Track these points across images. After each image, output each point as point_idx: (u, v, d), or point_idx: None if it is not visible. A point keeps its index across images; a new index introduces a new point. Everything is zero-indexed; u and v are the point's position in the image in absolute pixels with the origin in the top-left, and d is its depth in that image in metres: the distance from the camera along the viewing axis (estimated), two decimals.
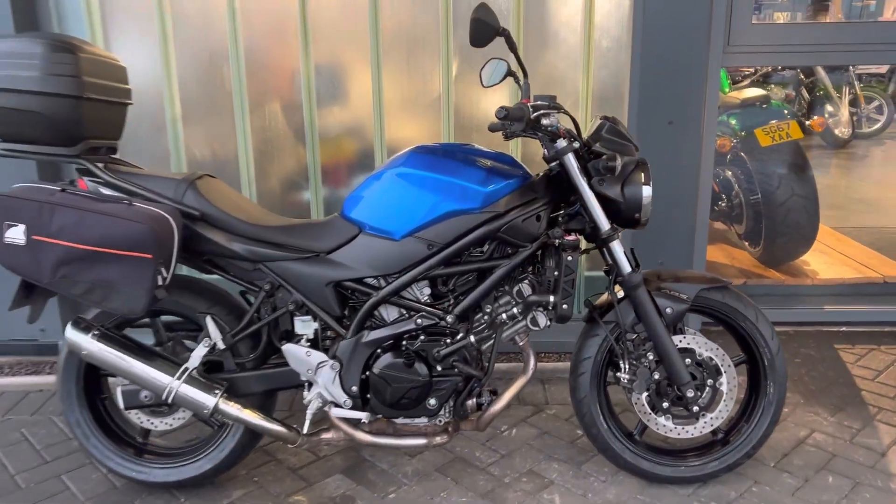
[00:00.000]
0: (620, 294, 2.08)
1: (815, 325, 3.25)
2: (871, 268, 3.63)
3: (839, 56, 2.89)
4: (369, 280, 2.04)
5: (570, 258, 1.98)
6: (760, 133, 3.41)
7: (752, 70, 4.94)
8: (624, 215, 2.00)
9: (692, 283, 2.08)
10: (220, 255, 2.04)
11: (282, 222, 2.09)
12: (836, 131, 7.69)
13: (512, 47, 1.98)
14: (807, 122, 4.00)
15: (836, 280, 3.50)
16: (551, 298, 2.01)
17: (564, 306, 2.00)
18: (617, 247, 2.02)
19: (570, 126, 2.06)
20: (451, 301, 2.06)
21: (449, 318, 2.01)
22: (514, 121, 1.87)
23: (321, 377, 2.05)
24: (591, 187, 1.98)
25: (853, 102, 8.32)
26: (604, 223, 1.99)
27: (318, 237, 2.05)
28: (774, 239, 3.61)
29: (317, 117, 3.11)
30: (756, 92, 3.89)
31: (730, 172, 3.80)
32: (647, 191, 1.98)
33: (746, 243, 3.87)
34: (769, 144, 3.42)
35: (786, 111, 3.69)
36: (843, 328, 3.23)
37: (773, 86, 6.23)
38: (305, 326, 2.08)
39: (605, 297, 2.16)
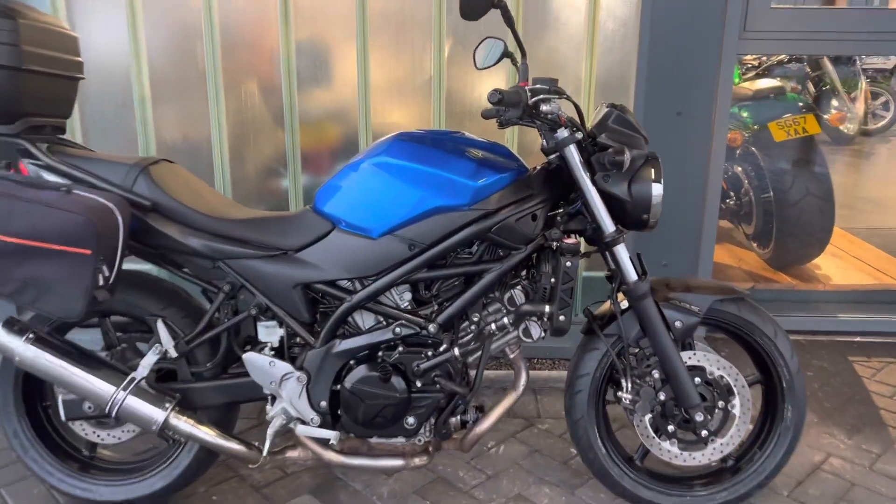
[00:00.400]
0: (624, 304, 1.86)
1: (828, 335, 3.03)
2: (888, 274, 3.42)
3: (869, 46, 2.67)
4: (343, 283, 1.82)
5: (568, 264, 1.75)
6: (775, 127, 3.18)
7: (757, 61, 4.71)
8: (630, 216, 1.78)
9: (704, 293, 1.86)
10: (175, 250, 1.80)
11: (246, 215, 1.86)
12: (842, 127, 7.47)
13: (509, 22, 1.75)
14: (825, 116, 3.77)
15: (850, 286, 3.28)
16: (546, 308, 1.78)
17: (561, 318, 1.77)
18: (622, 251, 1.79)
19: (573, 114, 1.83)
20: (435, 308, 1.84)
21: (431, 328, 1.79)
22: (509, 106, 1.64)
23: (286, 390, 1.83)
24: (595, 184, 1.75)
25: (859, 98, 8.09)
26: (608, 225, 1.76)
27: (286, 233, 1.81)
28: (786, 240, 3.39)
29: (297, 100, 2.87)
30: (770, 83, 3.66)
31: (739, 168, 3.57)
32: (657, 189, 1.75)
33: (755, 244, 3.65)
34: (784, 139, 3.20)
35: (801, 104, 3.47)
36: (858, 338, 3.02)
37: (778, 78, 5.99)
38: (270, 333, 1.85)
39: (606, 305, 1.94)
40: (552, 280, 1.77)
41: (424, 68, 2.83)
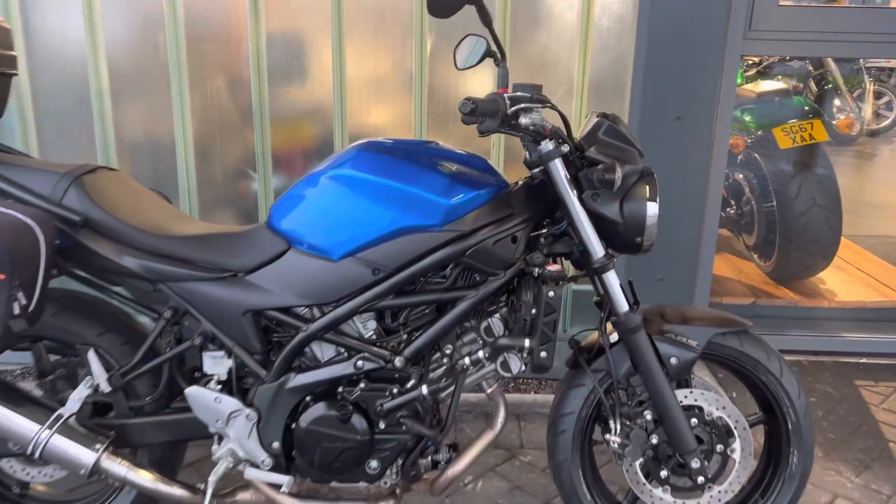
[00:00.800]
0: (614, 336, 1.66)
1: (832, 356, 2.85)
2: (895, 289, 3.23)
3: (887, 49, 2.47)
4: (299, 309, 1.62)
5: (551, 294, 1.56)
6: (779, 133, 2.99)
7: (758, 58, 4.50)
8: (622, 238, 1.58)
9: (703, 325, 1.66)
10: (110, 271, 1.60)
11: (193, 230, 1.66)
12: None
13: (485, 19, 1.55)
14: (833, 122, 3.57)
15: (856, 303, 3.10)
16: (526, 343, 1.59)
17: (543, 354, 1.58)
18: (612, 279, 1.60)
19: (559, 123, 1.62)
20: (403, 339, 1.64)
21: (398, 361, 1.59)
22: (484, 116, 1.43)
23: (234, 430, 1.63)
24: (583, 203, 1.55)
25: (862, 98, 7.89)
26: (597, 249, 1.57)
27: (236, 252, 1.61)
28: (789, 253, 3.20)
29: (267, 97, 2.67)
30: (775, 85, 3.46)
31: (741, 175, 3.38)
32: (652, 208, 1.55)
33: (756, 255, 3.46)
34: (789, 147, 3.00)
35: (807, 107, 3.27)
36: (864, 360, 2.83)
37: (779, 77, 5.79)
38: (217, 364, 1.66)
39: (594, 336, 1.74)
40: (533, 311, 1.58)
41: (405, 65, 2.63)
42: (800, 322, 2.99)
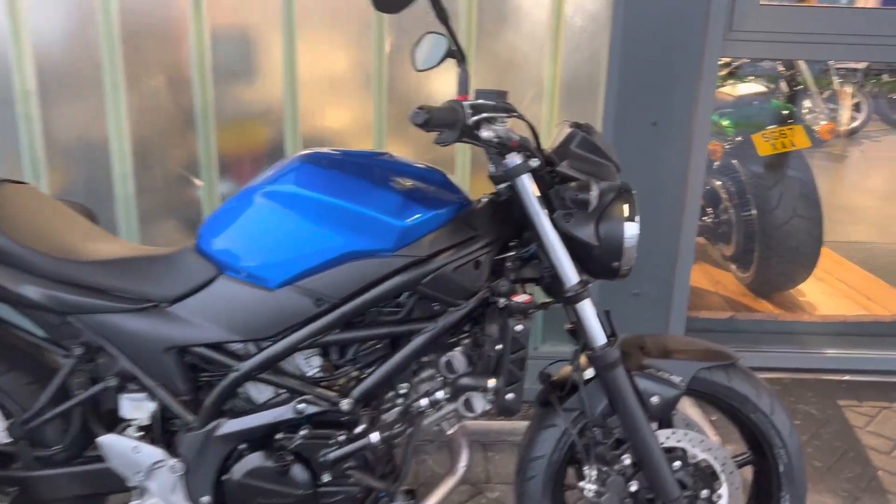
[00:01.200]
0: (589, 372, 1.48)
1: (813, 373, 2.72)
2: (876, 301, 3.11)
3: (876, 51, 2.34)
4: (231, 345, 1.41)
5: (519, 328, 1.38)
6: (759, 140, 2.85)
7: (728, 60, 4.38)
8: (598, 263, 1.41)
9: (687, 358, 1.50)
10: (9, 301, 1.38)
11: (109, 254, 1.44)
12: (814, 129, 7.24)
13: (441, 16, 1.36)
14: (814, 128, 3.45)
15: (837, 317, 2.97)
16: (491, 383, 1.40)
17: (510, 396, 1.40)
18: (587, 308, 1.42)
19: (528, 133, 1.44)
20: (351, 377, 1.45)
21: (345, 404, 1.40)
22: (440, 128, 1.25)
23: (157, 483, 1.43)
24: (554, 224, 1.37)
25: (831, 99, 7.85)
26: (570, 276, 1.39)
27: (157, 278, 1.41)
28: (769, 264, 3.06)
29: (212, 97, 2.44)
30: (753, 88, 3.32)
31: (718, 182, 3.24)
32: (630, 230, 1.38)
33: (734, 266, 3.32)
34: (769, 153, 2.87)
35: (786, 112, 3.14)
36: (847, 377, 2.71)
37: (749, 78, 5.70)
38: (136, 408, 1.45)
39: (566, 370, 1.56)
40: (498, 347, 1.39)
41: (363, 64, 2.43)
42: (780, 337, 2.85)
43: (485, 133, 1.28)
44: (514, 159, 1.34)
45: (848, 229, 4.81)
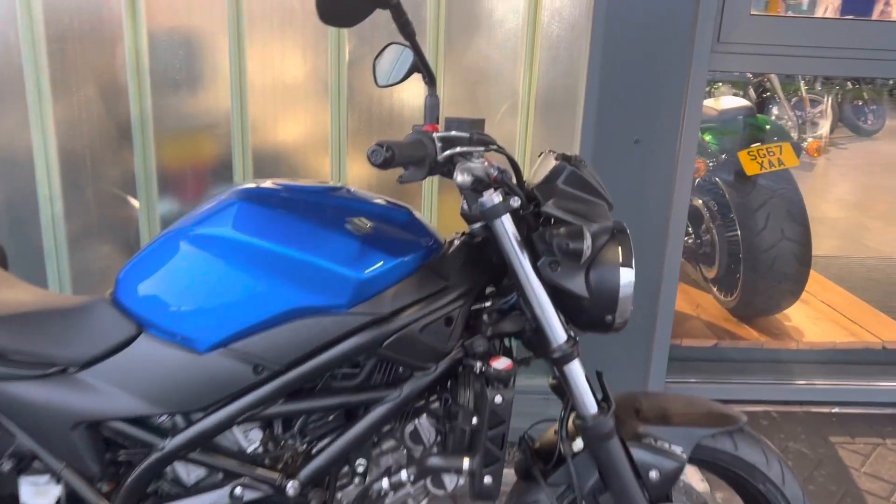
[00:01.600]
0: (578, 444, 1.28)
1: (802, 405, 2.56)
2: (863, 326, 2.98)
3: (874, 66, 2.18)
4: (154, 418, 1.18)
5: (498, 399, 1.17)
6: (745, 158, 2.68)
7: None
8: (588, 315, 1.21)
9: (689, 424, 1.30)
10: None
11: (5, 307, 1.20)
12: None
13: (406, 30, 1.14)
14: (802, 145, 3.30)
15: (825, 344, 2.82)
16: (465, 464, 1.19)
17: (487, 479, 1.19)
18: (576, 371, 1.22)
19: (506, 164, 1.23)
20: (298, 453, 1.22)
21: (291, 488, 1.18)
22: (405, 165, 1.03)
23: None
24: (539, 273, 1.17)
25: (798, 106, 7.81)
26: (558, 333, 1.19)
27: (64, 337, 1.17)
28: (755, 289, 2.90)
29: (150, 106, 2.19)
30: (738, 102, 3.17)
31: (700, 201, 3.07)
32: (626, 277, 1.19)
33: (716, 289, 3.16)
34: (756, 172, 2.71)
35: (771, 128, 2.99)
36: (836, 409, 2.56)
37: (718, 84, 5.59)
38: (39, 493, 1.21)
39: (551, 435, 1.36)
40: (474, 420, 1.18)
41: (319, 72, 2.20)
42: (766, 366, 2.69)
43: (459, 177, 1.06)
44: (493, 198, 1.13)
45: (820, 242, 4.71)
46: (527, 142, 2.23)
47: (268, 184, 1.24)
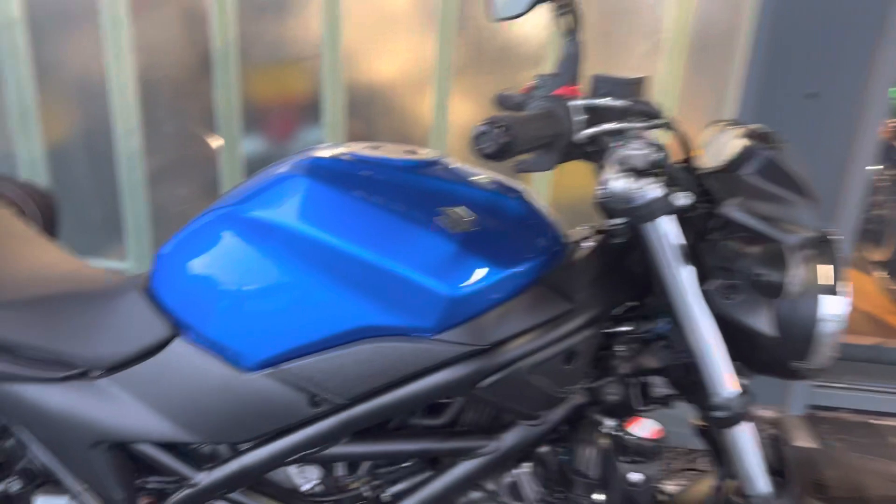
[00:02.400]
0: None
1: None
2: None
3: None
4: (194, 447, 0.94)
5: (635, 478, 0.85)
6: None
7: None
8: (768, 356, 0.85)
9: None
10: None
11: (21, 290, 0.98)
12: None
13: None
14: None
15: None
16: None
17: None
18: (745, 438, 0.87)
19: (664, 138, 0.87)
20: (364, 498, 0.96)
21: None
22: (528, 150, 0.70)
23: None
24: (708, 299, 0.82)
25: None
26: (724, 384, 0.84)
27: (87, 333, 0.94)
28: None
29: (235, 34, 1.96)
30: None
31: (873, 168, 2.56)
32: (834, 306, 0.82)
33: (886, 274, 2.65)
34: None
35: None
36: None
37: None
38: None
39: (698, 493, 1.03)
40: (596, 498, 0.87)
41: None
42: None
43: (612, 180, 0.72)
44: (652, 190, 0.78)
45: None
46: (674, 95, 1.82)
47: (341, 152, 0.93)
